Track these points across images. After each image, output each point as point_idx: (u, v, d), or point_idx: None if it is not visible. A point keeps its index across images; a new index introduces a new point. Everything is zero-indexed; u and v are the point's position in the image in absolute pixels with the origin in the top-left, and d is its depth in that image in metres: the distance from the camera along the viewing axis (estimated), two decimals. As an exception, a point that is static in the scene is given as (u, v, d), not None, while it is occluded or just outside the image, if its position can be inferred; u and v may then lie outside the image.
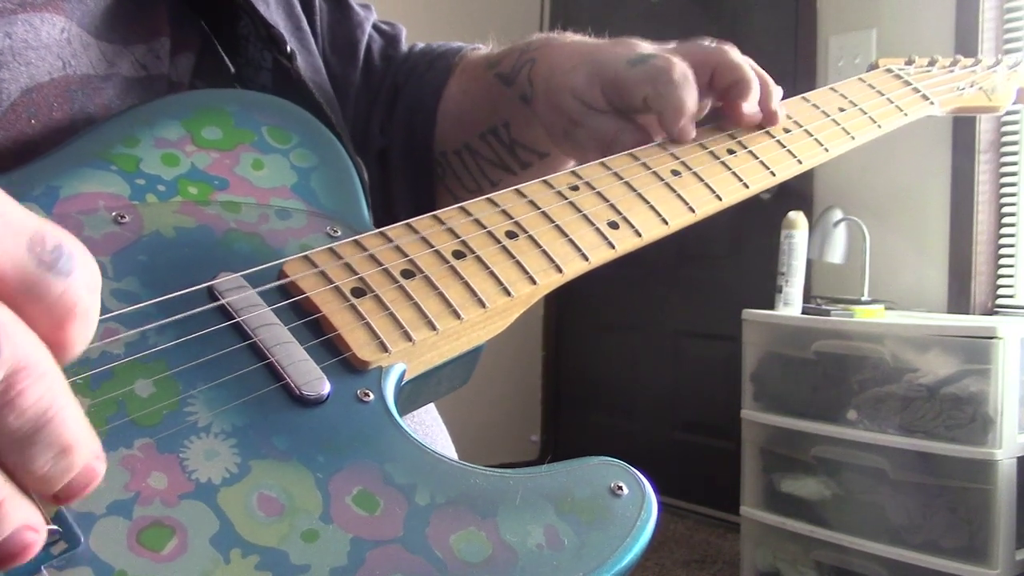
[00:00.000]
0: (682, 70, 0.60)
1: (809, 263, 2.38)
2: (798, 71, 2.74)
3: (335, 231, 0.49)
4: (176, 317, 0.41)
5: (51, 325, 0.30)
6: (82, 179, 0.45)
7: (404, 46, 0.77)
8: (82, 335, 0.31)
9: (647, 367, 3.24)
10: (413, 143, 0.72)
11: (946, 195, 2.43)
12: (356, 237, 0.48)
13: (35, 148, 0.47)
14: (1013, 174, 2.40)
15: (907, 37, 2.51)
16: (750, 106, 0.63)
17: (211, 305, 0.42)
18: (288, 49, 0.60)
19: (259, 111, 0.52)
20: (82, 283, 0.31)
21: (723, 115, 0.65)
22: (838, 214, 2.48)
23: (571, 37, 0.70)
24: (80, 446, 0.30)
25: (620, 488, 0.41)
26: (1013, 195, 2.41)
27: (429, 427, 0.65)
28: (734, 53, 0.64)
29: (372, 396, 0.42)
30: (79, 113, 0.50)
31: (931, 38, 2.46)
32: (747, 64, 0.64)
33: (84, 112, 0.50)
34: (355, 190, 0.52)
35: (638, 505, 0.40)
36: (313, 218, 0.49)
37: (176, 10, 0.58)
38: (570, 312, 3.48)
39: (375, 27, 0.75)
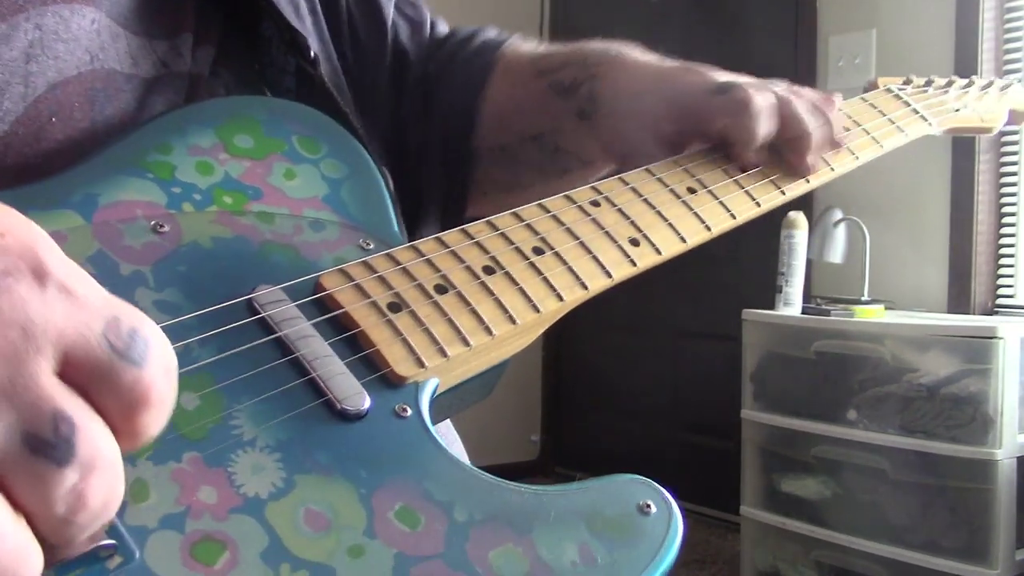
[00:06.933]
0: (760, 103, 0.62)
1: (809, 263, 2.38)
2: (798, 71, 2.73)
3: (367, 244, 0.49)
4: (218, 330, 0.42)
5: (121, 414, 0.30)
6: (120, 186, 0.45)
7: (428, 31, 0.75)
8: (153, 425, 0.31)
9: (647, 367, 3.24)
10: (449, 139, 0.71)
11: (946, 195, 2.43)
12: (389, 251, 0.48)
13: (53, 147, 0.47)
14: (1013, 174, 2.40)
15: (907, 37, 2.51)
16: (800, 159, 0.65)
17: (252, 318, 0.43)
18: (312, 55, 0.59)
19: (288, 120, 0.52)
20: (156, 371, 0.30)
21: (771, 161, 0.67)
22: (838, 214, 2.48)
23: (635, 56, 0.69)
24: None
25: (648, 506, 0.42)
26: (1013, 195, 2.41)
27: (443, 435, 0.64)
28: (799, 104, 0.65)
29: (410, 411, 0.43)
30: (98, 115, 0.49)
31: (931, 38, 2.46)
32: (809, 115, 0.65)
33: (103, 115, 0.50)
34: (384, 201, 0.52)
35: (665, 523, 0.41)
36: (345, 230, 0.49)
37: (201, 3, 0.58)
38: (570, 312, 3.47)
39: (397, 9, 0.73)
